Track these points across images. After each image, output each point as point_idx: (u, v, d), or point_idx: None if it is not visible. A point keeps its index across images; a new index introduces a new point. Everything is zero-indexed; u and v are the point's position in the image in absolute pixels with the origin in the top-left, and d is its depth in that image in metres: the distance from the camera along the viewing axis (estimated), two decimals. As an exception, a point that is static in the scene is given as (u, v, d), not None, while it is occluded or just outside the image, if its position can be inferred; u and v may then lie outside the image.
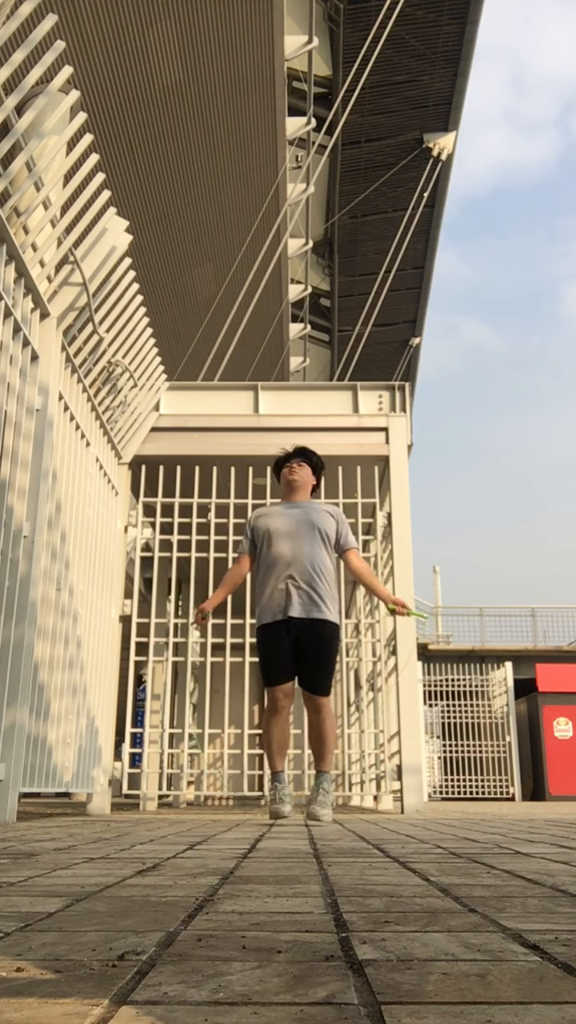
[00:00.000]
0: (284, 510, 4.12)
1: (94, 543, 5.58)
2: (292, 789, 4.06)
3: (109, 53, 9.24)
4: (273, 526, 4.04)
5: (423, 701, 17.58)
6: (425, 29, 14.71)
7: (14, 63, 3.54)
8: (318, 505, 4.19)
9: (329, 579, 4.02)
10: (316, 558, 3.97)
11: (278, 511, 4.13)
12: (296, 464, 4.22)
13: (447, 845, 2.43)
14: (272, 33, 11.45)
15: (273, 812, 3.85)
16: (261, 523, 4.10)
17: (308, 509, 4.11)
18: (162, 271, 12.46)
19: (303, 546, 3.97)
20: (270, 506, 4.28)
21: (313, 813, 3.79)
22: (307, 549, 3.96)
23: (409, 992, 0.73)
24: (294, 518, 4.04)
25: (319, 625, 3.92)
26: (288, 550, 3.95)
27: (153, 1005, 0.69)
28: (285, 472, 4.24)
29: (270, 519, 4.08)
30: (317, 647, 3.92)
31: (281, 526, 4.02)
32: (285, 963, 0.84)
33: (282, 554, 3.95)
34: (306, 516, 4.05)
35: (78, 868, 1.76)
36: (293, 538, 3.98)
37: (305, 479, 4.21)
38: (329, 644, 3.96)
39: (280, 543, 3.98)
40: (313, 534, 4.00)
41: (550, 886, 1.47)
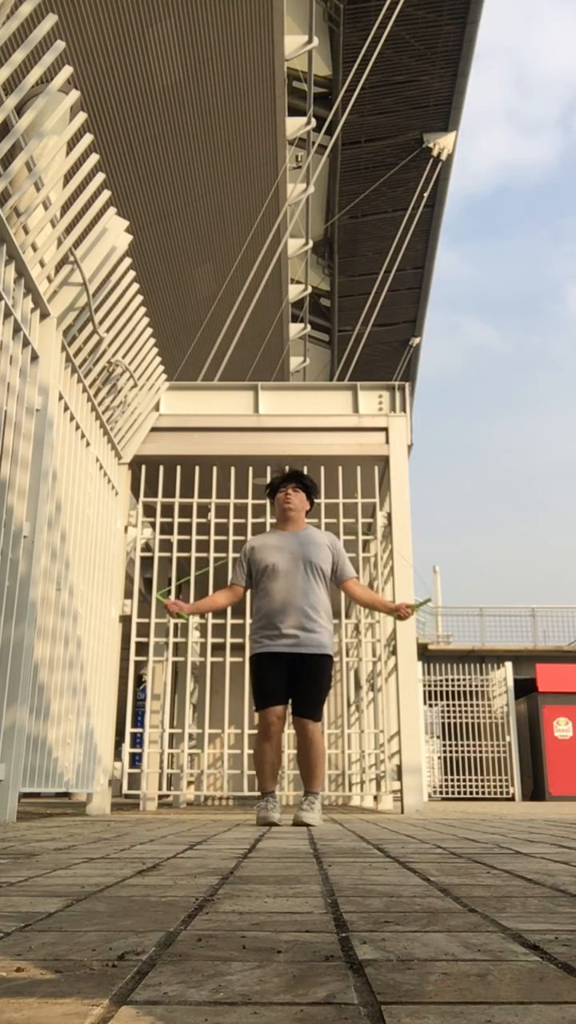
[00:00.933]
0: (280, 542, 4.11)
1: (94, 543, 5.58)
2: (291, 789, 4.06)
3: (109, 53, 9.24)
4: (269, 560, 4.05)
5: (423, 701, 17.58)
6: (425, 29, 14.71)
7: (14, 63, 3.54)
8: (313, 534, 4.17)
9: (324, 613, 4.06)
10: (312, 592, 4.01)
11: (273, 543, 4.12)
12: (291, 489, 4.20)
13: (447, 845, 2.43)
14: (272, 33, 11.45)
15: (261, 819, 3.84)
16: (257, 557, 4.11)
17: (305, 540, 4.10)
18: (162, 271, 12.46)
19: (300, 581, 4.01)
20: (266, 535, 4.26)
21: (299, 818, 3.78)
22: (304, 585, 4.01)
23: (409, 992, 0.73)
24: (290, 552, 4.05)
25: (314, 659, 3.97)
26: (284, 588, 4.00)
27: (153, 1005, 0.69)
28: (280, 499, 4.21)
29: (266, 552, 4.09)
30: (310, 678, 3.98)
31: (278, 561, 4.03)
32: (285, 963, 0.84)
33: (279, 592, 4.00)
34: (302, 550, 4.06)
35: (78, 868, 1.76)
36: (289, 575, 4.01)
37: (300, 507, 4.21)
38: (323, 675, 4.02)
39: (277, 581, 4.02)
40: (309, 570, 4.03)
41: (550, 886, 1.47)
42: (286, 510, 4.18)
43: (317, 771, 3.98)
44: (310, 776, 3.98)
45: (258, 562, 4.09)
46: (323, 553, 4.08)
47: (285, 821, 3.93)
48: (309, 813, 3.78)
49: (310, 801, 3.86)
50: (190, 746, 7.91)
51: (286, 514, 4.18)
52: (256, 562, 4.10)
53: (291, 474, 4.30)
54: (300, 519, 4.22)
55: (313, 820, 3.76)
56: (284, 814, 4.02)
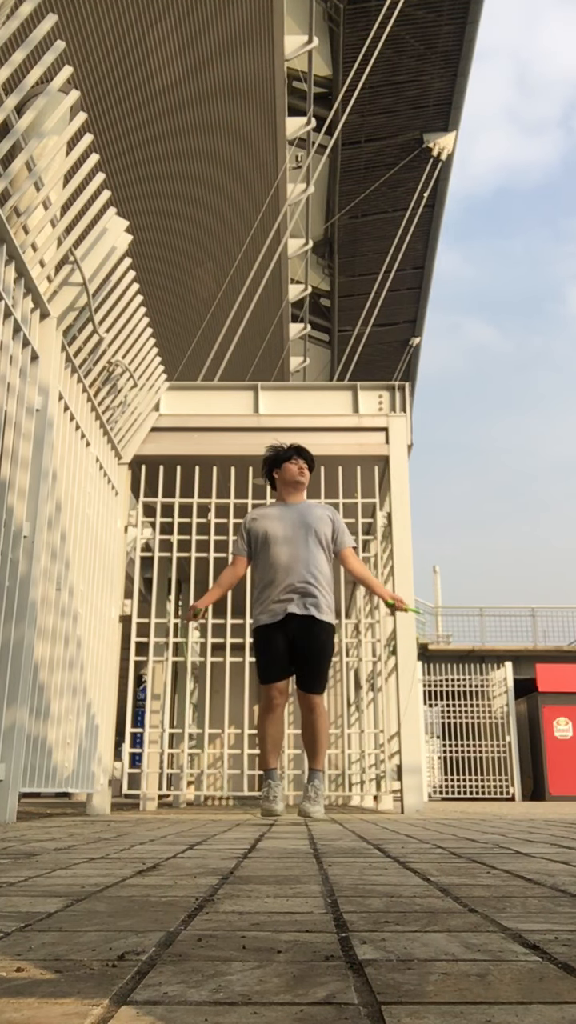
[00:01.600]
0: (281, 512, 4.13)
1: (94, 543, 5.58)
2: (291, 789, 4.08)
3: (109, 53, 9.24)
4: (271, 529, 4.06)
5: (423, 701, 17.58)
6: (425, 29, 14.71)
7: (14, 63, 3.54)
8: (314, 505, 4.20)
9: (326, 582, 4.05)
10: (314, 561, 4.01)
11: (275, 513, 4.14)
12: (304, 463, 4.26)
13: (447, 845, 2.43)
14: (272, 33, 11.45)
15: (265, 810, 3.85)
16: (258, 526, 4.12)
17: (305, 511, 4.13)
18: (162, 271, 12.45)
19: (301, 549, 4.00)
20: (266, 507, 4.28)
21: (304, 810, 3.80)
22: (305, 552, 4.00)
23: (409, 992, 0.73)
24: (291, 521, 4.06)
25: (316, 625, 3.96)
26: (286, 554, 3.99)
27: (153, 1005, 0.69)
28: (294, 470, 4.24)
29: (267, 522, 4.10)
30: (313, 647, 3.97)
31: (279, 529, 4.04)
32: (285, 963, 0.84)
33: (280, 558, 3.99)
34: (303, 519, 4.07)
35: (78, 868, 1.76)
36: (291, 541, 4.01)
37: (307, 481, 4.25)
38: (325, 644, 4.01)
39: (278, 547, 4.01)
40: (310, 537, 4.03)
41: (550, 886, 1.47)
42: (299, 482, 4.21)
43: (321, 745, 4.00)
44: (315, 751, 3.99)
45: (258, 531, 4.11)
46: (323, 522, 4.10)
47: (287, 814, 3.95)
48: (314, 805, 3.80)
49: (315, 787, 3.87)
50: (190, 746, 7.91)
51: (298, 486, 4.21)
52: (256, 531, 4.12)
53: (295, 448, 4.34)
54: (303, 492, 4.26)
55: (317, 812, 3.78)
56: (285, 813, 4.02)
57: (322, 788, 3.91)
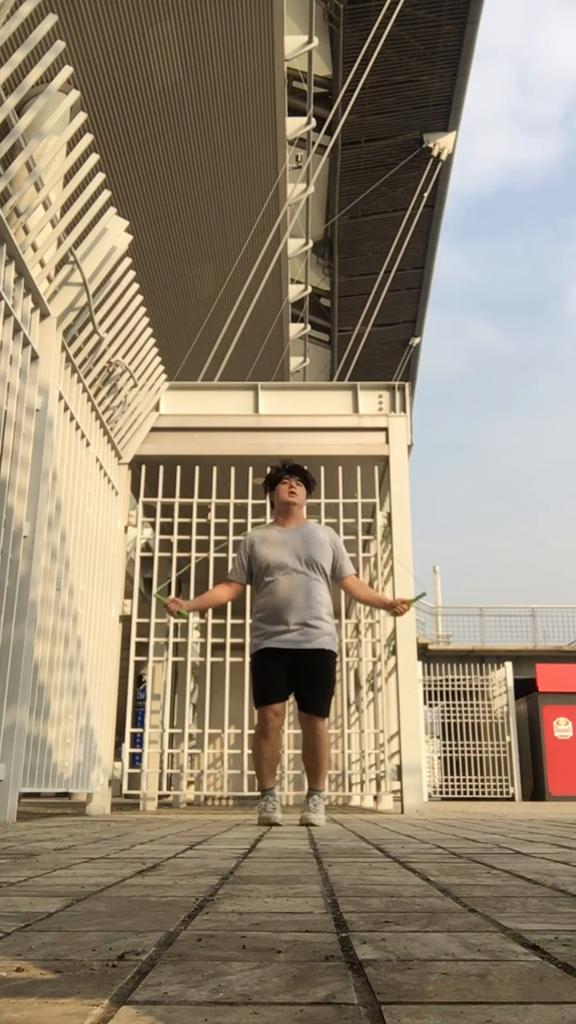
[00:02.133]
0: (281, 537, 4.07)
1: (94, 543, 5.58)
2: (292, 789, 4.07)
3: (109, 53, 9.24)
4: (272, 558, 4.00)
5: (423, 701, 17.58)
6: (425, 29, 14.71)
7: (14, 63, 3.54)
8: (314, 530, 4.14)
9: (327, 609, 4.03)
10: (314, 589, 3.98)
11: (276, 539, 4.07)
12: (295, 483, 4.18)
13: (447, 845, 2.43)
14: (272, 33, 11.45)
15: (263, 819, 3.83)
16: (258, 553, 4.06)
17: (306, 537, 4.07)
18: (162, 271, 12.45)
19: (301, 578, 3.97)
20: (266, 529, 4.22)
21: (306, 819, 3.78)
22: (305, 581, 3.97)
23: (409, 992, 0.73)
24: (292, 548, 4.01)
25: (318, 654, 3.93)
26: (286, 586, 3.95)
27: (153, 1005, 0.69)
28: (284, 491, 4.16)
29: (268, 549, 4.04)
30: (315, 675, 3.94)
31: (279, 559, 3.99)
32: (285, 963, 0.84)
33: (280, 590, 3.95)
34: (303, 546, 4.03)
35: (78, 868, 1.76)
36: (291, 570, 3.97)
37: (303, 501, 4.19)
38: (328, 671, 3.99)
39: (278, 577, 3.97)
40: (311, 567, 4.00)
41: (550, 886, 1.47)
42: (290, 504, 4.13)
43: (323, 768, 3.98)
44: (315, 774, 3.97)
45: (259, 559, 4.05)
46: (324, 550, 4.05)
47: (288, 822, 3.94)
48: (315, 814, 3.80)
49: (315, 801, 3.87)
50: (190, 746, 7.91)
51: (289, 508, 4.14)
52: (257, 559, 4.06)
53: (292, 467, 4.27)
54: (301, 514, 4.21)
55: (319, 821, 3.78)
56: (285, 814, 4.01)
57: (322, 803, 3.91)
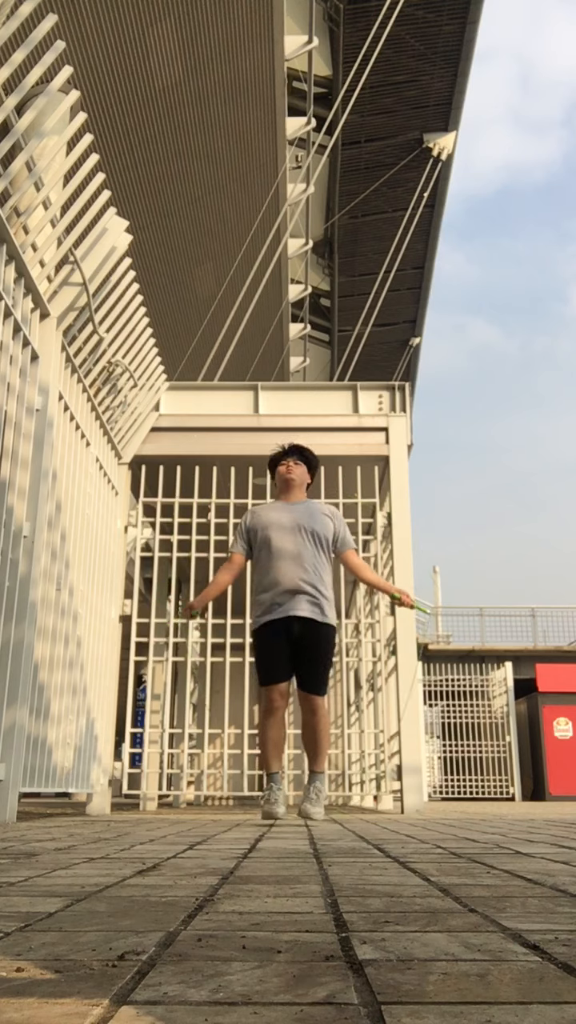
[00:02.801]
0: (281, 510, 4.06)
1: (94, 543, 5.58)
2: (291, 789, 4.06)
3: (109, 53, 9.24)
4: (271, 529, 3.99)
5: (423, 701, 17.58)
6: (425, 29, 14.71)
7: (14, 63, 3.54)
8: (315, 505, 4.15)
9: (327, 581, 4.00)
10: (314, 562, 3.95)
11: (275, 511, 4.07)
12: (292, 462, 4.18)
13: (447, 845, 2.43)
14: (272, 33, 11.45)
15: (266, 813, 3.80)
16: (257, 524, 4.05)
17: (305, 510, 4.07)
18: (162, 271, 12.45)
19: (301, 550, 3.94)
20: (266, 504, 4.22)
21: (305, 811, 3.76)
22: (305, 553, 3.94)
23: (409, 992, 0.73)
24: (292, 519, 4.00)
25: (318, 627, 3.91)
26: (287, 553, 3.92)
27: (153, 1005, 0.69)
28: (281, 470, 4.19)
29: (267, 520, 4.03)
30: (316, 648, 3.92)
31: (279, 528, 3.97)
32: (285, 963, 0.84)
33: (280, 559, 3.92)
34: (304, 517, 4.01)
35: (78, 868, 1.76)
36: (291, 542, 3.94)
37: (302, 477, 4.18)
38: (327, 646, 3.96)
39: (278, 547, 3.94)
40: (311, 536, 3.97)
41: (550, 886, 1.47)
42: (288, 480, 4.14)
43: (322, 747, 3.94)
44: (315, 753, 3.94)
45: (258, 529, 4.03)
46: (324, 522, 4.03)
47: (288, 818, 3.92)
48: (315, 807, 3.76)
49: (316, 789, 3.82)
50: (190, 746, 7.91)
51: (288, 484, 4.15)
52: (256, 529, 4.04)
53: (292, 448, 4.28)
54: (301, 490, 4.19)
55: (317, 815, 3.74)
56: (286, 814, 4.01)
57: (323, 790, 3.87)
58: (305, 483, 4.23)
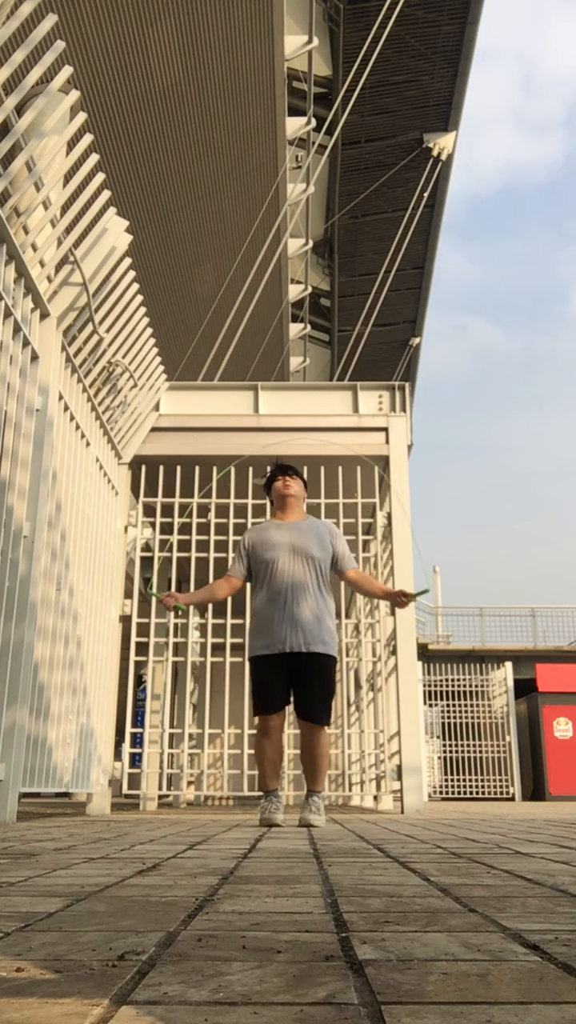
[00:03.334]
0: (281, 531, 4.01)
1: (94, 543, 5.58)
2: (292, 790, 4.04)
3: (109, 53, 9.24)
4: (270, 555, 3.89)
5: (423, 701, 17.58)
6: (425, 29, 14.71)
7: (14, 63, 3.54)
8: (315, 525, 4.08)
9: (329, 610, 3.92)
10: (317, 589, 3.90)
11: (275, 536, 3.98)
12: (289, 477, 4.14)
13: (447, 845, 2.43)
14: (272, 33, 11.45)
15: (264, 820, 3.77)
16: (257, 550, 3.96)
17: (305, 532, 4.00)
18: (162, 271, 12.45)
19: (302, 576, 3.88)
20: (266, 525, 4.16)
21: (305, 820, 3.72)
22: (307, 579, 3.88)
23: (409, 992, 0.73)
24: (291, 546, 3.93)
25: (318, 659, 3.84)
26: (285, 583, 3.85)
27: (153, 1005, 0.69)
28: (278, 485, 4.10)
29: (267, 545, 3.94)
30: (315, 680, 3.85)
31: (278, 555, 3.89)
32: (285, 963, 0.84)
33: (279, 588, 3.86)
34: (304, 541, 3.95)
35: (78, 868, 1.76)
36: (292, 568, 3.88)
37: (299, 494, 4.14)
38: (328, 677, 3.90)
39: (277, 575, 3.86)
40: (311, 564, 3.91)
41: (550, 886, 1.47)
42: (286, 497, 4.09)
43: (321, 770, 3.91)
44: (313, 776, 3.91)
45: (257, 556, 3.98)
46: (324, 545, 3.98)
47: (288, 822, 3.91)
48: (314, 815, 3.73)
49: (314, 803, 3.80)
50: (190, 746, 7.91)
51: (286, 501, 4.10)
52: (256, 556, 3.99)
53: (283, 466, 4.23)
54: (299, 507, 4.16)
55: (318, 822, 3.71)
56: (285, 814, 4.00)
57: (321, 806, 3.86)
58: (303, 498, 4.20)
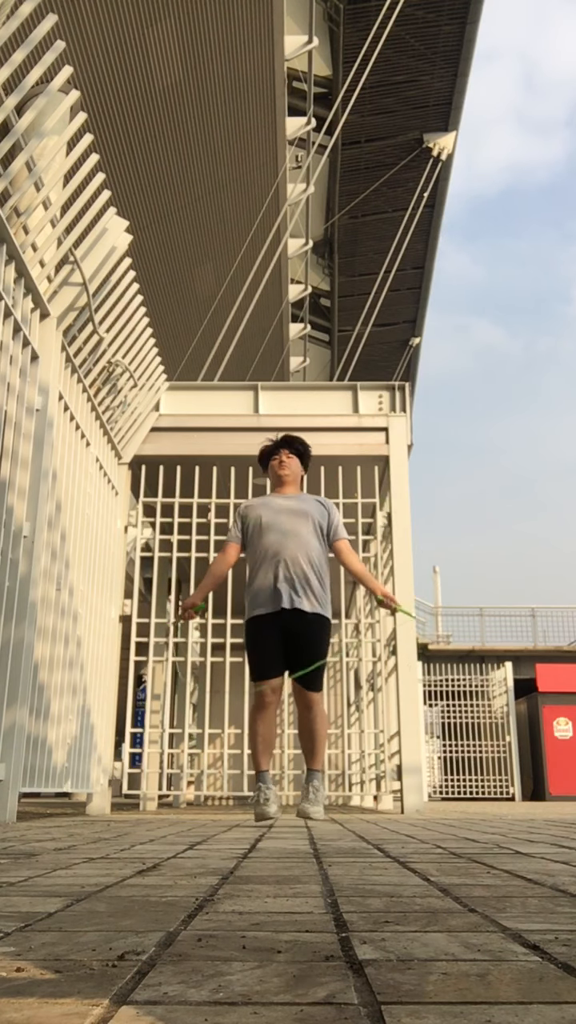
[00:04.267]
0: (276, 501, 3.99)
1: (94, 543, 5.58)
2: (291, 789, 4.02)
3: (109, 53, 9.24)
4: (265, 517, 3.88)
5: (423, 701, 17.58)
6: (425, 29, 14.71)
7: (14, 63, 3.54)
8: (310, 496, 4.10)
9: (323, 572, 3.89)
10: (310, 550, 3.84)
11: (270, 501, 3.98)
12: (284, 456, 4.08)
13: (447, 845, 2.43)
14: (272, 33, 11.45)
15: (258, 814, 3.69)
16: (253, 513, 3.95)
17: (300, 500, 4.01)
18: (162, 271, 12.45)
19: (296, 537, 3.83)
20: (263, 497, 4.15)
21: (304, 811, 3.65)
22: (300, 541, 3.84)
23: (409, 992, 0.73)
24: (287, 509, 3.92)
25: (311, 618, 3.78)
26: (281, 541, 3.81)
27: (153, 1005, 0.69)
28: (274, 465, 4.08)
29: (262, 509, 3.93)
30: (309, 641, 3.79)
31: (274, 517, 3.87)
32: (285, 963, 0.84)
33: (274, 545, 3.82)
34: (299, 507, 3.93)
35: (78, 868, 1.76)
36: (286, 529, 3.84)
37: (295, 472, 4.10)
38: (321, 638, 3.84)
39: (272, 534, 3.84)
40: (306, 526, 3.88)
41: (550, 886, 1.47)
42: (281, 476, 4.06)
43: (320, 745, 3.82)
44: (313, 751, 3.81)
45: (252, 518, 3.94)
46: (319, 511, 3.95)
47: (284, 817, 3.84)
48: (314, 806, 3.64)
49: (314, 787, 3.69)
50: (190, 746, 7.91)
51: (282, 480, 4.06)
52: (250, 518, 3.96)
53: (283, 440, 4.17)
54: (296, 484, 4.12)
55: (316, 814, 3.62)
56: (284, 813, 3.96)
57: (322, 788, 3.77)
58: (299, 476, 4.15)
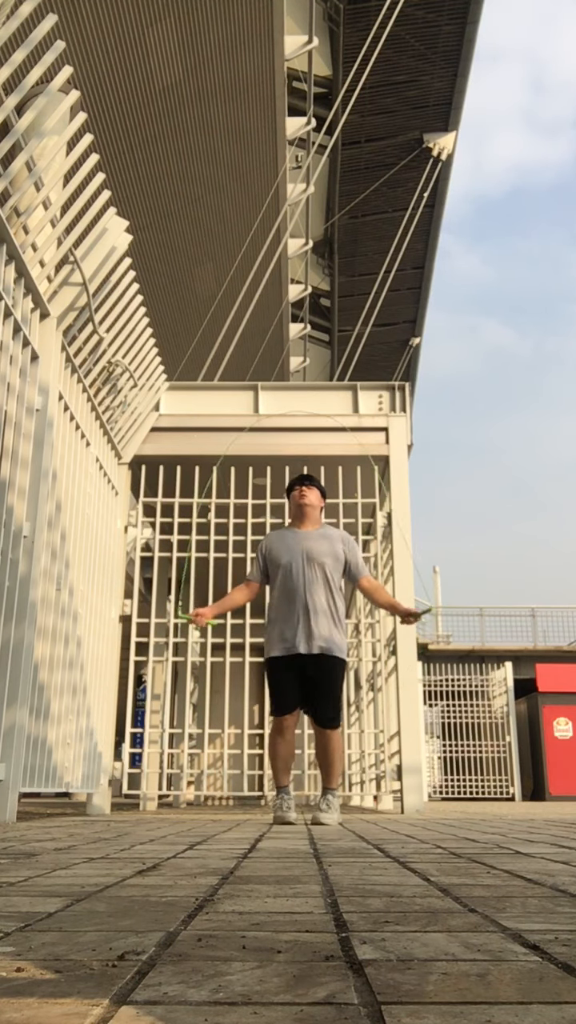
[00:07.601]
0: (295, 541, 4.21)
1: (94, 543, 5.58)
2: (291, 788, 4.13)
3: (109, 53, 9.23)
4: (284, 560, 4.14)
5: (423, 701, 17.58)
6: (425, 29, 14.71)
7: (14, 63, 3.54)
8: (329, 533, 4.28)
9: (340, 615, 4.16)
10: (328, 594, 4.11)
11: (290, 542, 4.23)
12: (306, 488, 4.31)
13: (447, 845, 2.43)
14: (272, 33, 11.44)
15: (278, 819, 3.92)
16: (275, 552, 4.21)
17: (319, 540, 4.21)
18: (162, 271, 12.45)
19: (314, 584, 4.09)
20: (282, 532, 4.35)
21: (317, 818, 3.89)
22: (320, 584, 4.09)
23: (409, 992, 0.73)
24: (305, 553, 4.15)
25: (328, 661, 4.04)
26: (298, 589, 4.07)
27: (153, 1005, 0.69)
28: (296, 496, 4.33)
29: (284, 548, 4.19)
30: (326, 683, 4.05)
31: (292, 561, 4.14)
32: (285, 963, 0.84)
33: (292, 592, 4.07)
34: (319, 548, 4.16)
35: (78, 868, 1.76)
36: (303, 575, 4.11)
37: (315, 503, 4.33)
38: (338, 680, 4.10)
39: (291, 580, 4.10)
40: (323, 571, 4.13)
41: (550, 886, 1.47)
42: (302, 506, 4.28)
43: (336, 767, 4.11)
44: (328, 772, 4.10)
45: (274, 560, 4.19)
46: (337, 553, 4.19)
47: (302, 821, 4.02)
48: (325, 814, 3.89)
49: (328, 801, 3.97)
50: (190, 746, 7.91)
51: (302, 510, 4.29)
52: (272, 560, 4.21)
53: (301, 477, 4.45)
54: (316, 516, 4.33)
55: (328, 820, 3.87)
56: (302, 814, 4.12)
57: (335, 804, 4.00)
58: (319, 507, 4.37)
